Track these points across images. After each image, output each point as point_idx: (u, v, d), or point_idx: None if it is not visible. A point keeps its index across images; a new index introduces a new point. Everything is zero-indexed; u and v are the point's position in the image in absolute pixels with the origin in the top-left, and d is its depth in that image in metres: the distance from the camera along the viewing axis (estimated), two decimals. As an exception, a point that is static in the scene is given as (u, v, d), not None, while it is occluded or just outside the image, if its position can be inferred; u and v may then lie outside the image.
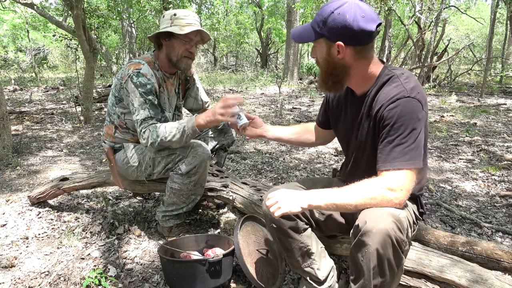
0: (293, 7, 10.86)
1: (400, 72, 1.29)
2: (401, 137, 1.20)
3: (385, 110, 1.24)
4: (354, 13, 1.19)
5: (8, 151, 3.64)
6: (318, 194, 1.23)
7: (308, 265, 1.53)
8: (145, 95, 1.87)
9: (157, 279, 1.81)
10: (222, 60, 21.81)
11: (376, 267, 1.14)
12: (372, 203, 1.17)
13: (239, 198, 2.05)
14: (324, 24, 1.23)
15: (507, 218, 2.48)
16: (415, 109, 1.20)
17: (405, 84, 1.24)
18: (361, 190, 1.20)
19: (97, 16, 7.78)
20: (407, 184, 1.18)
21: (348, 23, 1.20)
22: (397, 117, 1.21)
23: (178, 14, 1.91)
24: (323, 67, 1.33)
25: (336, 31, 1.22)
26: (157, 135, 1.84)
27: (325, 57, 1.29)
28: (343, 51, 1.25)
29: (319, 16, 1.25)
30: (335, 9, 1.21)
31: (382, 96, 1.27)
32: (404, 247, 1.16)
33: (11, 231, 2.21)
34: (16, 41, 15.62)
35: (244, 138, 4.71)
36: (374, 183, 1.20)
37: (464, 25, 22.86)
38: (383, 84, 1.29)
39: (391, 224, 1.12)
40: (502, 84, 11.57)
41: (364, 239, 1.13)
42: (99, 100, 6.93)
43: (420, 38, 9.70)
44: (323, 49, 1.29)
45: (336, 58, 1.27)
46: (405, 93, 1.22)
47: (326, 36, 1.25)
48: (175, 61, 1.97)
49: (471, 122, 5.71)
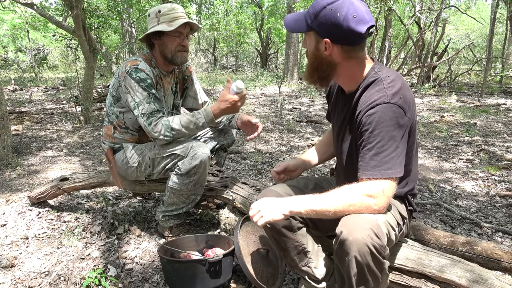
0: (293, 7, 10.86)
1: (386, 75, 1.26)
2: (380, 145, 1.18)
3: (364, 116, 1.22)
4: (346, 11, 1.16)
5: (8, 151, 3.64)
6: (299, 200, 1.23)
7: (305, 264, 1.53)
8: (148, 89, 1.88)
9: (157, 279, 1.81)
10: (222, 60, 21.81)
11: (356, 275, 1.14)
12: (351, 210, 1.17)
13: (239, 198, 2.05)
14: (315, 17, 1.21)
15: (507, 218, 2.48)
16: (394, 115, 1.17)
17: (387, 89, 1.21)
18: (340, 196, 1.19)
19: (97, 16, 7.79)
20: (387, 192, 1.17)
21: (338, 21, 1.17)
22: (375, 123, 1.18)
23: (162, 10, 1.91)
24: (310, 60, 1.31)
25: (325, 27, 1.20)
26: (171, 128, 1.86)
27: (313, 51, 1.27)
28: (329, 48, 1.22)
29: (313, 8, 1.22)
30: (328, 4, 1.18)
31: (363, 100, 1.25)
32: (384, 252, 1.15)
33: (11, 231, 2.21)
34: (16, 41, 15.61)
35: (244, 138, 4.71)
36: (353, 190, 1.19)
37: (464, 25, 22.86)
38: (367, 87, 1.27)
39: (367, 231, 1.11)
40: (502, 84, 11.56)
41: (343, 248, 1.13)
42: (99, 100, 6.93)
43: (420, 38, 9.70)
44: (312, 42, 1.27)
45: (323, 54, 1.25)
46: (385, 99, 1.19)
47: (316, 31, 1.23)
48: (170, 58, 1.98)
49: (471, 122, 5.71)
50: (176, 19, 1.91)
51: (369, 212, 1.17)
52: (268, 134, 4.97)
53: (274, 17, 16.68)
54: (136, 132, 2.07)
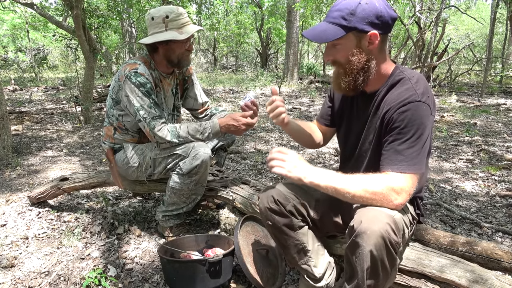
0: (293, 7, 10.86)
1: (411, 75, 1.29)
2: (410, 141, 1.20)
3: (395, 113, 1.23)
4: (380, 1, 1.21)
5: (8, 151, 3.64)
6: (321, 173, 1.22)
7: (305, 262, 1.53)
8: (148, 94, 1.88)
9: (157, 279, 1.81)
10: (222, 60, 21.80)
11: (369, 268, 1.14)
12: (372, 198, 1.17)
13: (239, 198, 2.05)
14: (353, 15, 1.20)
15: (507, 218, 2.48)
16: (425, 114, 1.20)
17: (416, 88, 1.24)
18: (364, 182, 1.19)
19: (97, 16, 7.79)
20: (410, 188, 1.18)
21: (379, 10, 1.20)
22: (407, 120, 1.20)
23: (170, 16, 1.87)
24: (352, 63, 1.26)
25: (368, 20, 1.20)
26: (178, 135, 1.90)
27: (354, 52, 1.25)
28: (375, 40, 1.23)
29: (342, 11, 1.21)
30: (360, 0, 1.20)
31: (392, 98, 1.27)
32: (398, 248, 1.16)
33: (11, 231, 2.21)
34: (16, 41, 15.61)
35: (244, 138, 4.71)
36: (379, 179, 1.19)
37: (464, 25, 22.85)
38: (393, 85, 1.29)
39: (386, 226, 1.11)
40: (502, 84, 11.56)
41: (358, 240, 1.13)
42: (99, 100, 6.93)
43: (420, 38, 9.70)
44: (351, 43, 1.25)
45: (367, 50, 1.25)
46: (416, 97, 1.21)
47: (358, 28, 1.21)
48: (176, 62, 1.97)
49: (471, 122, 5.71)
50: (185, 25, 1.91)
51: (389, 206, 1.17)
52: (268, 134, 4.97)
53: (274, 17, 16.67)
54: (136, 133, 2.07)
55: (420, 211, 1.44)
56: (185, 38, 1.88)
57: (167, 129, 1.90)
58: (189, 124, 1.96)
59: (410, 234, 1.39)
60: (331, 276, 1.59)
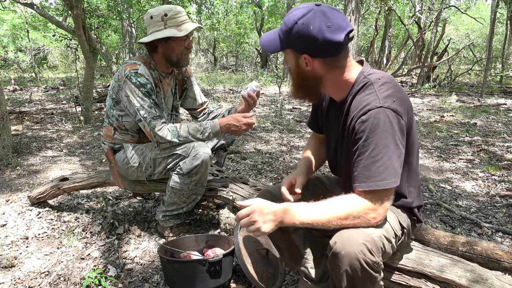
0: (293, 7, 10.86)
1: (377, 78, 1.20)
2: (374, 153, 1.11)
3: (356, 123, 1.16)
4: (318, 23, 1.11)
5: (8, 151, 3.64)
6: (294, 213, 1.16)
7: (302, 264, 1.53)
8: (148, 95, 1.88)
9: (157, 279, 1.81)
10: (222, 60, 21.81)
11: (347, 287, 1.13)
12: (349, 223, 1.12)
13: (239, 198, 2.05)
14: (289, 34, 1.16)
15: (507, 218, 2.48)
16: (388, 120, 1.11)
17: (378, 92, 1.15)
18: (336, 209, 1.14)
19: (97, 16, 7.78)
20: (384, 204, 1.13)
21: (312, 35, 1.11)
22: (368, 130, 1.12)
23: (169, 14, 1.89)
24: (293, 77, 1.26)
25: (301, 43, 1.15)
26: (179, 135, 1.91)
27: (295, 68, 1.23)
28: (310, 63, 1.18)
29: (284, 25, 1.17)
30: (298, 19, 1.13)
31: (354, 106, 1.20)
32: (378, 267, 1.12)
33: (11, 231, 2.21)
34: (16, 41, 15.61)
35: (244, 138, 4.72)
36: (350, 202, 1.14)
37: (464, 25, 22.86)
38: (357, 92, 1.21)
39: (361, 247, 1.08)
40: (502, 84, 11.56)
41: (335, 260, 1.12)
42: (99, 100, 6.93)
43: (420, 38, 9.70)
44: (292, 59, 1.22)
45: (306, 70, 1.20)
46: (377, 103, 1.13)
47: (292, 47, 1.18)
48: (175, 61, 1.98)
49: (471, 122, 5.71)
50: (184, 23, 1.91)
51: (367, 225, 1.13)
52: (268, 134, 4.97)
53: (274, 17, 16.68)
54: (136, 133, 2.07)
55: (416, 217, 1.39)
56: (184, 35, 1.89)
57: (168, 128, 1.90)
58: (189, 123, 1.96)
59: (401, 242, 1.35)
60: (330, 277, 1.59)
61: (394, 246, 1.28)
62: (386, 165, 1.11)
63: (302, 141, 4.64)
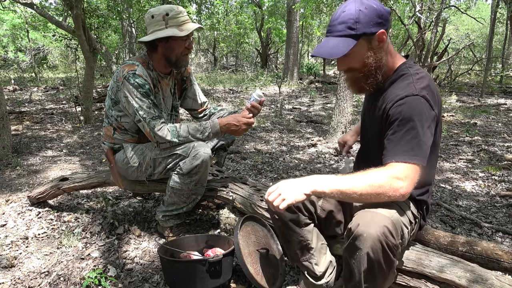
0: (293, 7, 10.86)
1: (415, 71, 1.31)
2: (408, 132, 1.20)
3: (392, 107, 1.26)
4: (373, 1, 1.24)
5: (8, 151, 3.64)
6: (323, 179, 1.19)
7: (307, 259, 1.55)
8: (147, 95, 1.88)
9: (157, 279, 1.81)
10: (222, 60, 21.80)
11: (366, 270, 1.15)
12: (378, 192, 1.15)
13: (239, 198, 2.05)
14: (358, 23, 1.23)
15: (507, 218, 2.48)
16: (422, 107, 1.21)
17: (416, 83, 1.26)
18: (368, 178, 1.18)
19: (97, 16, 7.79)
20: (413, 176, 1.18)
21: (378, 10, 1.23)
22: (404, 113, 1.22)
23: (170, 13, 1.89)
24: (369, 65, 1.30)
25: (374, 22, 1.23)
26: (179, 134, 1.91)
27: (368, 55, 1.28)
28: (383, 36, 1.26)
29: (347, 22, 1.23)
30: (358, 8, 1.23)
31: (392, 92, 1.30)
32: (396, 250, 1.17)
33: (11, 231, 2.21)
34: (16, 41, 15.58)
35: (244, 138, 4.71)
36: (381, 172, 1.19)
37: (464, 25, 22.86)
38: (395, 80, 1.32)
39: (383, 229, 1.12)
40: (502, 84, 11.56)
41: (356, 243, 1.14)
42: (99, 100, 6.93)
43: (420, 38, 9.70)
44: (364, 48, 1.27)
45: (378, 49, 1.29)
46: (414, 91, 1.23)
47: (367, 33, 1.24)
48: (175, 61, 1.98)
49: (471, 122, 5.71)
50: (185, 23, 1.91)
51: (395, 195, 1.16)
52: (268, 134, 4.97)
53: (274, 17, 16.67)
54: (136, 134, 2.07)
55: (423, 213, 1.43)
56: (185, 35, 1.89)
57: (167, 128, 1.90)
58: (189, 123, 1.96)
59: (413, 233, 1.39)
60: (331, 275, 1.60)
61: (409, 234, 1.33)
62: (418, 143, 1.20)
63: (302, 141, 4.64)
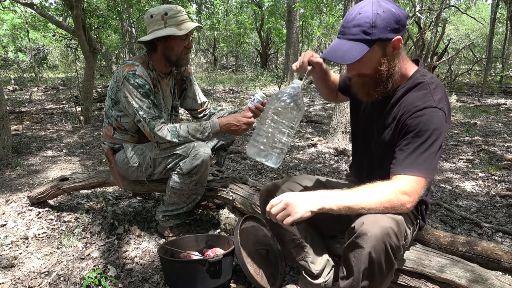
0: (293, 7, 10.86)
1: (430, 80, 1.27)
2: (423, 145, 1.18)
3: (410, 117, 1.22)
4: (392, 5, 1.19)
5: (8, 151, 3.64)
6: (330, 196, 1.16)
7: (302, 258, 1.54)
8: (147, 96, 1.88)
9: (157, 279, 1.81)
10: (222, 60, 21.80)
11: (366, 270, 1.14)
12: (387, 206, 1.15)
13: (239, 198, 2.05)
14: (375, 27, 1.17)
15: (507, 218, 2.48)
16: (440, 120, 1.19)
17: (433, 94, 1.23)
18: (376, 192, 1.16)
19: (97, 16, 7.79)
20: (420, 191, 1.18)
21: (397, 15, 1.18)
22: (422, 125, 1.19)
23: (169, 13, 1.89)
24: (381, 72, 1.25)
25: (390, 27, 1.18)
26: (179, 135, 1.90)
27: (382, 62, 1.23)
28: (399, 43, 1.21)
29: (362, 25, 1.17)
30: (375, 11, 1.17)
31: (408, 101, 1.25)
32: (399, 253, 1.17)
33: (11, 231, 2.21)
34: (16, 41, 15.59)
35: (244, 138, 4.71)
36: (389, 186, 1.17)
37: (464, 25, 22.86)
38: (411, 88, 1.27)
39: (388, 230, 1.12)
40: (502, 84, 11.56)
41: (358, 241, 1.14)
42: (99, 100, 6.93)
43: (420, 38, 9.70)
44: (378, 54, 1.22)
45: (392, 56, 1.24)
46: (432, 103, 1.20)
47: (382, 39, 1.19)
48: (175, 60, 1.98)
49: (471, 122, 5.71)
50: (184, 22, 1.91)
51: (402, 209, 1.16)
52: (268, 134, 4.96)
53: (274, 17, 16.66)
54: (136, 133, 2.07)
55: (421, 216, 1.43)
56: (184, 34, 1.89)
57: (167, 129, 1.90)
58: (189, 124, 1.96)
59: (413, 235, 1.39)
60: (329, 274, 1.59)
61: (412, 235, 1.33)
62: (430, 157, 1.18)
63: (302, 141, 4.64)
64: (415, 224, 1.38)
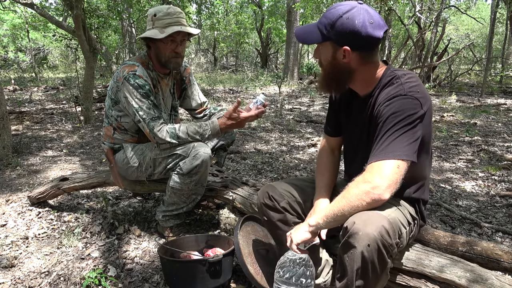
0: (293, 7, 10.86)
1: (402, 73, 1.30)
2: (390, 131, 1.20)
3: (381, 108, 1.25)
4: (363, 19, 1.19)
5: (8, 151, 3.64)
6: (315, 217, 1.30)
7: None
8: (147, 96, 1.88)
9: (157, 279, 1.81)
10: (222, 60, 21.81)
11: (359, 269, 1.15)
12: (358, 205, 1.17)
13: (239, 198, 2.05)
14: (332, 27, 1.22)
15: (507, 218, 2.48)
16: (410, 106, 1.20)
17: (404, 84, 1.25)
18: (344, 192, 1.23)
19: (97, 16, 7.79)
20: (390, 175, 1.15)
21: (356, 29, 1.19)
22: (390, 113, 1.22)
23: (158, 15, 1.88)
24: (327, 69, 1.32)
25: (343, 35, 1.22)
26: (178, 136, 1.90)
27: (330, 60, 1.29)
28: (349, 55, 1.25)
29: (327, 19, 1.24)
30: (343, 13, 1.20)
31: (382, 96, 1.28)
32: (392, 251, 1.16)
33: (11, 231, 2.21)
34: (16, 41, 15.59)
35: (244, 138, 4.72)
36: (354, 183, 1.21)
37: (464, 25, 22.87)
38: (384, 86, 1.30)
39: (380, 228, 1.12)
40: (502, 84, 11.56)
41: (351, 241, 1.14)
42: (99, 100, 6.92)
43: (420, 38, 9.70)
44: (329, 52, 1.28)
45: (341, 62, 1.27)
46: (402, 92, 1.23)
47: (333, 40, 1.24)
48: (163, 62, 1.98)
49: (471, 122, 5.71)
50: (169, 26, 1.87)
51: (371, 198, 1.16)
52: (268, 134, 4.97)
53: (274, 17, 16.68)
54: (136, 134, 2.07)
55: (421, 215, 1.43)
56: (163, 37, 1.86)
57: (166, 129, 1.90)
58: (188, 124, 1.96)
59: (412, 235, 1.39)
60: (329, 274, 1.60)
61: (408, 234, 1.33)
62: (399, 139, 1.18)
63: (302, 141, 4.64)
64: (413, 224, 1.37)
